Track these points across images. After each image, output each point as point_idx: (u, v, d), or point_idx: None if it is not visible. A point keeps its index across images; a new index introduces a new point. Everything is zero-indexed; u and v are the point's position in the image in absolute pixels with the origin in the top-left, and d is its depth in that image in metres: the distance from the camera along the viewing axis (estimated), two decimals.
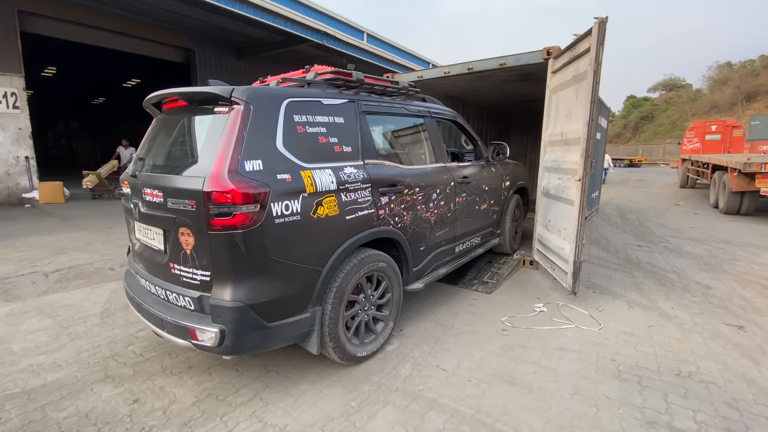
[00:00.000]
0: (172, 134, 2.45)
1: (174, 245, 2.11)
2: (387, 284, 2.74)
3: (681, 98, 43.65)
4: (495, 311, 3.40)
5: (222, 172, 1.89)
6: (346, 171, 2.42)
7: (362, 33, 14.64)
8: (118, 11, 10.80)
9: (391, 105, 3.08)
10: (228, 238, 1.90)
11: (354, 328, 2.54)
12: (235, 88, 2.09)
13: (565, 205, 3.69)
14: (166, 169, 2.29)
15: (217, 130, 2.05)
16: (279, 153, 2.12)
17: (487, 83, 6.15)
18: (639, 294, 3.82)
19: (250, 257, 1.95)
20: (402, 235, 2.82)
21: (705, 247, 5.67)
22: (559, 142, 3.93)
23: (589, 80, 3.15)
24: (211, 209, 1.88)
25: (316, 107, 2.41)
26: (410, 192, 2.88)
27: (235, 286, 1.94)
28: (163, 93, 2.40)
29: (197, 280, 2.04)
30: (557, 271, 3.87)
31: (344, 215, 2.35)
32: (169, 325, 2.10)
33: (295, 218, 2.08)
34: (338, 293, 2.32)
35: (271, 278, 2.04)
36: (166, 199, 2.10)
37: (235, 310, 1.92)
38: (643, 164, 30.48)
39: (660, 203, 10.42)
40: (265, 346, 2.12)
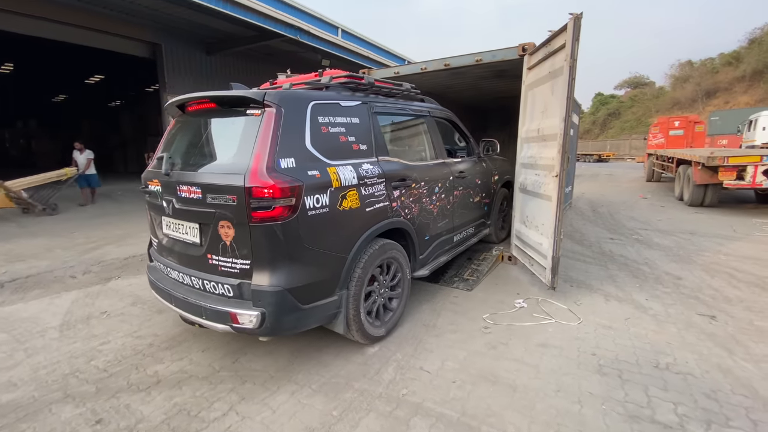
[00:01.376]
0: (202, 134, 2.63)
1: (212, 238, 2.28)
2: (399, 271, 2.99)
3: (645, 95, 45.25)
4: (476, 308, 3.38)
5: (261, 169, 2.08)
6: (364, 167, 2.64)
7: (337, 29, 14.41)
8: (77, 3, 10.20)
9: (396, 105, 3.32)
10: (268, 229, 2.10)
11: (374, 310, 2.79)
12: (267, 92, 2.28)
13: (543, 200, 3.70)
14: (201, 167, 2.42)
15: (251, 131, 2.23)
16: (308, 151, 2.33)
17: (464, 80, 6.14)
18: (614, 287, 3.89)
19: (288, 246, 2.16)
20: (411, 226, 3.07)
21: (673, 239, 5.86)
22: (536, 138, 3.94)
23: (564, 76, 3.16)
24: (252, 203, 2.06)
25: (336, 109, 2.63)
26: (417, 186, 3.15)
27: (274, 273, 2.15)
28: (192, 96, 2.54)
29: (237, 269, 2.22)
30: (536, 266, 3.89)
31: (364, 207, 2.59)
32: (208, 312, 2.24)
33: (325, 210, 2.31)
34: (360, 278, 2.54)
35: (305, 264, 2.25)
36: (205, 195, 2.24)
37: (275, 294, 2.12)
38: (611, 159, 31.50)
39: (629, 197, 10.76)
40: (300, 326, 2.33)
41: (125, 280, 4.39)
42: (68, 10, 10.30)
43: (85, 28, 10.93)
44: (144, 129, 20.24)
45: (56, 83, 20.97)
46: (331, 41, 13.50)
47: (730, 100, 34.13)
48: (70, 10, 10.35)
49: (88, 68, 17.87)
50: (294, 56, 13.87)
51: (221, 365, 2.56)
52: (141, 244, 5.98)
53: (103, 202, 10.64)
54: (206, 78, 13.42)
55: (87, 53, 12.97)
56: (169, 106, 2.80)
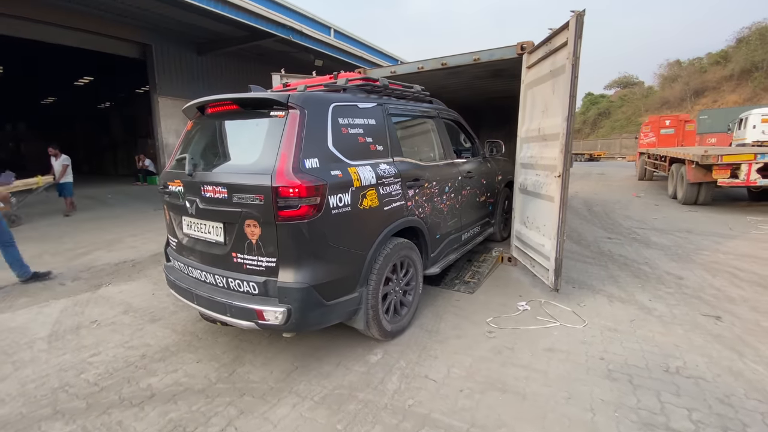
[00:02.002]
0: (223, 135, 2.67)
1: (238, 236, 2.31)
2: (412, 269, 3.03)
3: (635, 95, 45.67)
4: (479, 312, 3.31)
5: (287, 169, 2.14)
6: (381, 167, 2.70)
7: (329, 29, 14.30)
8: (66, 3, 9.96)
9: (407, 107, 3.37)
10: (294, 228, 2.15)
11: (391, 307, 2.82)
12: (291, 94, 2.32)
13: (544, 201, 3.64)
14: (225, 168, 2.49)
15: (276, 132, 2.28)
16: (330, 152, 2.39)
17: (460, 79, 6.08)
18: (617, 287, 3.85)
19: (313, 244, 2.21)
20: (424, 225, 3.14)
21: (670, 237, 5.85)
22: (536, 138, 3.89)
23: (567, 74, 3.10)
24: (279, 202, 2.11)
25: (354, 110, 2.68)
26: (429, 185, 3.22)
27: (299, 270, 2.19)
28: (214, 98, 2.57)
29: (262, 267, 2.26)
30: (537, 267, 3.84)
31: (383, 206, 2.65)
32: (234, 309, 2.28)
33: (347, 209, 2.36)
34: (378, 275, 2.59)
35: (329, 262, 2.31)
36: (231, 194, 2.27)
37: (301, 291, 2.17)
38: (602, 158, 31.74)
39: (622, 195, 10.80)
40: (324, 322, 2.38)
41: (116, 286, 4.25)
42: (55, 10, 10.07)
43: (73, 28, 10.71)
44: (134, 131, 19.92)
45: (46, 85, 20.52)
46: (324, 41, 13.39)
47: (718, 99, 34.58)
48: (58, 11, 10.12)
49: (77, 70, 17.48)
50: (286, 56, 13.71)
51: (218, 377, 2.46)
52: (132, 249, 5.83)
53: (94, 206, 10.42)
54: (197, 78, 13.22)
55: (76, 55, 12.70)
56: (188, 108, 2.82)
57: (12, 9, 9.48)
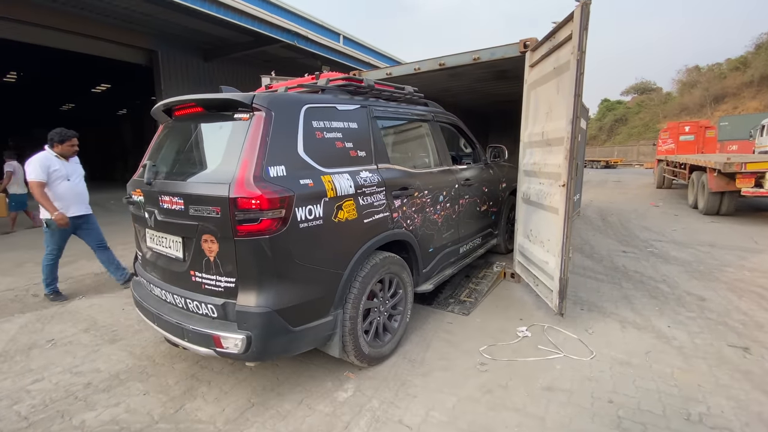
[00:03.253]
0: (188, 140, 2.43)
1: (195, 253, 2.08)
2: (401, 290, 2.76)
3: (652, 101, 44.60)
4: (472, 338, 2.94)
5: (248, 178, 1.88)
6: (362, 175, 2.44)
7: (338, 35, 14.19)
8: (71, 9, 9.99)
9: (398, 109, 3.09)
10: (255, 244, 1.90)
11: (372, 330, 2.54)
12: (256, 95, 2.08)
13: (548, 213, 3.27)
14: (185, 176, 2.23)
15: (239, 136, 2.03)
16: (300, 158, 2.13)
17: (462, 82, 5.76)
18: (631, 310, 3.43)
19: (277, 262, 1.96)
20: (413, 237, 2.85)
21: (691, 252, 5.38)
22: (540, 143, 3.52)
23: (571, 71, 2.75)
24: (237, 215, 1.87)
25: (332, 113, 2.43)
26: (420, 195, 2.94)
27: (261, 292, 1.94)
28: (177, 99, 2.35)
29: (221, 287, 2.02)
30: (541, 287, 3.45)
31: (362, 219, 2.38)
32: (190, 334, 2.04)
33: (318, 222, 2.10)
34: (357, 296, 2.32)
35: (296, 283, 2.05)
36: (188, 206, 2.05)
37: (262, 316, 1.91)
38: (619, 165, 30.90)
39: (639, 204, 10.25)
40: (291, 350, 2.12)
41: (88, 299, 4.00)
42: (59, 15, 10.07)
43: (78, 34, 10.71)
44: (144, 138, 20.07)
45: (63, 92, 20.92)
46: (332, 47, 13.23)
47: (738, 105, 33.45)
48: (62, 16, 10.12)
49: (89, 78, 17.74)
50: (293, 62, 13.58)
51: (161, 414, 2.14)
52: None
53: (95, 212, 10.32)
54: (204, 85, 13.14)
55: (89, 63, 12.80)
56: (156, 111, 2.61)
57: (16, 13, 9.51)
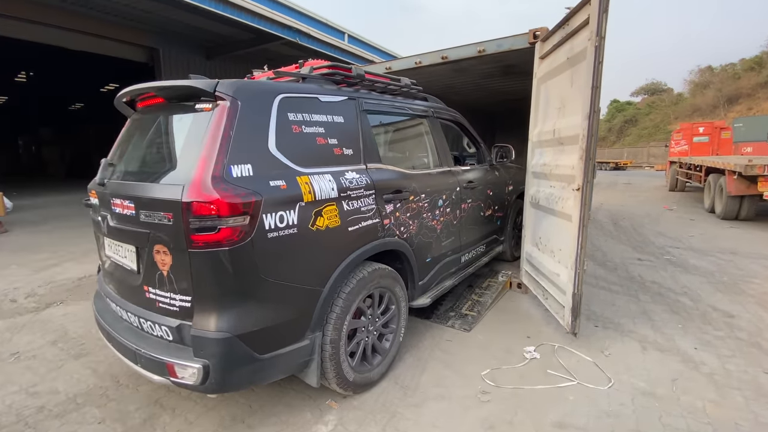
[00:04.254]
0: (147, 136, 2.16)
1: (148, 265, 1.83)
2: (393, 306, 2.49)
3: (663, 102, 43.80)
4: (474, 359, 2.64)
5: (204, 179, 1.62)
6: (348, 176, 2.17)
7: (343, 34, 13.96)
8: (70, 6, 9.84)
9: (393, 104, 2.80)
10: (212, 257, 1.63)
11: (359, 352, 2.26)
12: (220, 82, 1.80)
13: (560, 219, 2.96)
14: (139, 176, 1.99)
15: (199, 130, 1.77)
16: (272, 156, 1.85)
17: (467, 78, 5.44)
18: (651, 328, 3.10)
19: (239, 279, 1.68)
20: (408, 247, 2.58)
21: (712, 260, 5.01)
22: (551, 142, 3.20)
23: (589, 60, 2.43)
24: (191, 223, 1.60)
25: (314, 104, 2.15)
26: (416, 198, 2.66)
27: (220, 314, 1.67)
28: (136, 88, 2.09)
29: (176, 307, 1.76)
30: (551, 301, 3.13)
31: (346, 226, 2.10)
32: (143, 359, 1.78)
33: (291, 231, 1.82)
34: (340, 315, 2.05)
35: (264, 302, 1.77)
36: (139, 211, 1.81)
37: (221, 342, 1.64)
38: (629, 167, 30.29)
39: (652, 208, 9.84)
40: (257, 380, 1.85)
41: (65, 307, 3.75)
42: (60, 13, 9.91)
43: (79, 31, 10.55)
44: None
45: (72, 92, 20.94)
46: (337, 46, 13.00)
47: (753, 106, 32.61)
48: (62, 13, 9.95)
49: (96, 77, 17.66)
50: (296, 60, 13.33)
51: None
52: None
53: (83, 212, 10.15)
54: None
55: (95, 62, 12.65)
56: (119, 103, 2.36)
57: (16, 11, 9.39)
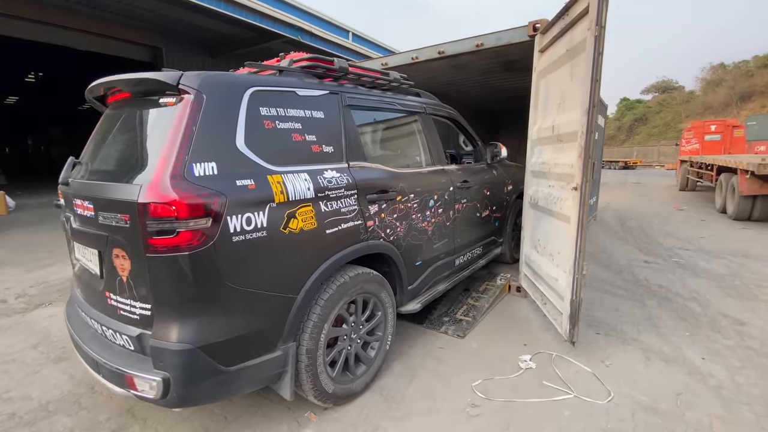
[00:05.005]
0: (112, 133, 2.07)
1: (108, 270, 1.76)
2: (380, 312, 2.37)
3: (674, 100, 43.05)
4: (466, 368, 2.50)
5: (163, 178, 1.52)
6: (327, 175, 2.05)
7: (347, 32, 13.86)
8: (72, 5, 9.87)
9: (382, 99, 2.69)
10: (171, 263, 1.53)
11: (341, 361, 2.14)
12: (184, 74, 1.71)
13: (558, 221, 2.80)
14: (102, 176, 1.90)
15: (161, 126, 1.69)
16: (239, 153, 1.74)
17: (467, 74, 5.29)
18: (656, 335, 2.93)
19: (200, 286, 1.58)
20: (395, 250, 2.46)
21: (723, 263, 4.81)
22: (550, 139, 3.05)
23: (588, 51, 2.28)
24: (148, 225, 1.51)
25: (290, 99, 2.02)
26: (404, 199, 2.54)
27: (181, 323, 1.58)
28: (100, 83, 2.00)
29: (136, 315, 1.67)
30: (549, 306, 2.98)
31: (324, 229, 1.98)
32: (104, 370, 1.71)
33: (260, 234, 1.70)
34: (318, 324, 1.93)
35: (229, 311, 1.66)
36: (97, 212, 1.73)
37: (182, 354, 1.55)
38: (638, 166, 29.81)
39: (661, 208, 9.59)
40: (224, 394, 1.75)
41: (54, 308, 3.69)
42: (62, 13, 9.93)
43: (82, 31, 10.58)
44: None
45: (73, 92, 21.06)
46: (341, 44, 12.91)
47: (766, 104, 31.90)
48: (65, 13, 9.97)
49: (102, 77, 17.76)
50: None
51: None
52: None
53: None
54: None
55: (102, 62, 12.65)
56: (90, 99, 2.26)
57: (20, 11, 9.42)
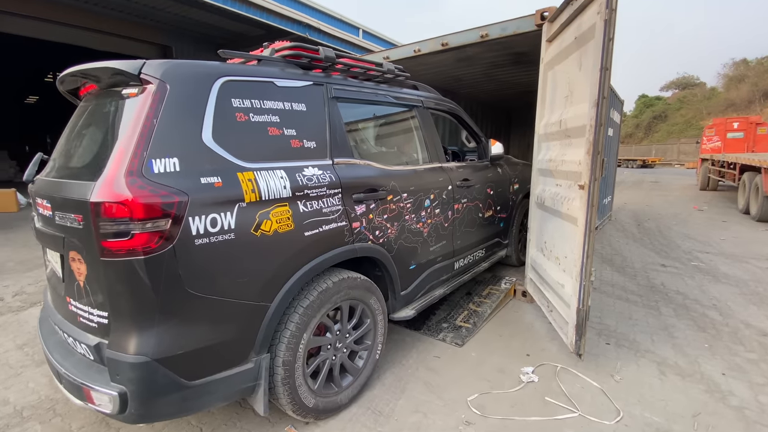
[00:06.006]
0: (77, 128, 1.96)
1: (67, 274, 1.67)
2: (369, 319, 2.22)
3: (695, 97, 41.80)
4: (461, 381, 2.33)
5: (118, 176, 1.40)
6: (307, 172, 1.90)
7: (357, 29, 13.75)
8: (83, 5, 9.99)
9: (375, 92, 2.52)
10: (126, 268, 1.41)
11: (324, 372, 2.00)
12: (147, 62, 1.58)
13: (565, 222, 2.61)
14: (63, 173, 1.78)
15: (122, 118, 1.57)
16: (206, 148, 1.60)
17: (474, 68, 5.09)
18: (672, 347, 2.72)
19: (159, 293, 1.45)
20: (385, 253, 2.31)
21: (745, 268, 4.53)
22: (557, 135, 2.85)
23: (597, 38, 2.08)
24: (101, 227, 1.39)
25: (267, 90, 1.88)
26: (396, 198, 2.38)
27: (138, 334, 1.46)
28: (66, 73, 1.84)
29: (94, 322, 1.57)
30: (555, 314, 2.79)
31: (302, 231, 1.83)
32: (65, 380, 1.62)
33: (227, 237, 1.57)
34: (296, 333, 1.80)
35: (192, 321, 1.53)
36: (54, 212, 1.64)
37: (138, 367, 1.43)
38: (657, 165, 28.99)
39: (681, 208, 9.21)
40: (189, 409, 1.59)
41: None
42: (74, 12, 10.07)
43: (93, 30, 10.71)
44: None
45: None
46: (351, 41, 12.79)
47: None
48: (76, 12, 10.11)
49: None
50: None
51: None
52: None
53: None
54: None
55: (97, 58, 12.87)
56: (64, 92, 2.17)
57: (33, 11, 9.56)
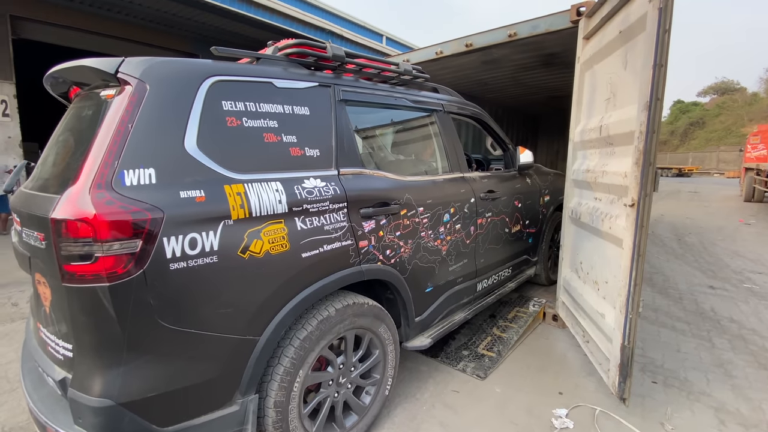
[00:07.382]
0: (59, 134, 1.80)
1: (36, 298, 1.55)
2: (377, 350, 1.97)
3: (735, 102, 39.80)
4: (484, 423, 2.03)
5: (83, 189, 1.21)
6: (307, 184, 1.67)
7: (381, 36, 13.79)
8: (115, 15, 10.31)
9: (389, 94, 2.27)
10: (89, 295, 1.22)
11: (324, 411, 1.77)
12: (126, 60, 1.41)
13: (606, 243, 2.28)
14: (38, 184, 1.60)
15: (95, 125, 1.37)
16: (188, 157, 1.39)
17: (500, 72, 4.79)
18: (731, 389, 2.32)
19: (126, 326, 1.24)
20: (397, 274, 2.05)
21: None
22: (596, 142, 2.53)
23: (650, 30, 1.77)
24: (62, 248, 1.21)
25: (264, 91, 1.66)
26: (410, 213, 2.12)
27: (102, 373, 1.26)
28: (49, 73, 1.68)
29: (60, 354, 1.39)
30: (592, 345, 2.44)
31: (299, 252, 1.59)
32: (32, 412, 1.46)
33: (208, 260, 1.35)
34: (290, 370, 1.57)
35: (165, 358, 1.32)
36: (22, 228, 1.51)
37: (102, 412, 1.24)
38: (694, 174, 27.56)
39: (725, 221, 8.52)
40: None
41: None
42: (102, 20, 10.41)
43: (126, 39, 11.03)
44: None
45: None
46: (374, 48, 12.82)
47: None
48: (104, 21, 10.45)
49: None
50: None
51: None
52: None
53: None
54: None
55: None
56: (54, 93, 1.99)
57: (62, 19, 9.92)
